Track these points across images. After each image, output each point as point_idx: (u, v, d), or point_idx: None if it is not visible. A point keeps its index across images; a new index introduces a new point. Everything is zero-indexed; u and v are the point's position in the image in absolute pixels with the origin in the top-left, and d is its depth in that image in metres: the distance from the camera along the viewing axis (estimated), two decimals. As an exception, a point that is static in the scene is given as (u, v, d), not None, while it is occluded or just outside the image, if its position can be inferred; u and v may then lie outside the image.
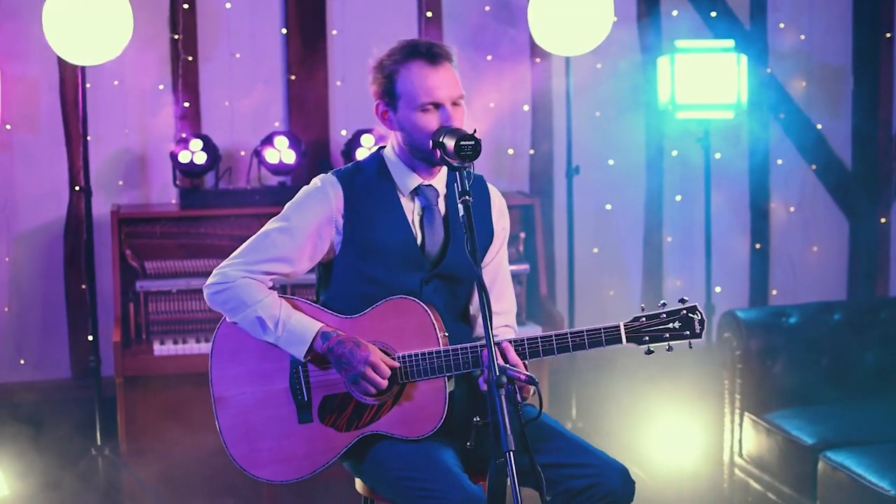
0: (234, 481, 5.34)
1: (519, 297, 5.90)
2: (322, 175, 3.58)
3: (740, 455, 5.37)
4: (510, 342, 3.35)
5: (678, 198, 6.73)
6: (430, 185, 3.55)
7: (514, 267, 5.76)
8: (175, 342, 5.48)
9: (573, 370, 6.00)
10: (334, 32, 6.32)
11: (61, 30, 5.27)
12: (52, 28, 5.28)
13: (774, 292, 6.84)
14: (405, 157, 3.53)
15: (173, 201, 6.08)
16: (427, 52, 3.43)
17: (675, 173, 6.72)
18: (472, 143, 3.22)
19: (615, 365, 6.35)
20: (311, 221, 3.49)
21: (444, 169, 3.52)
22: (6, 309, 6.11)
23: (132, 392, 5.48)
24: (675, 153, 6.68)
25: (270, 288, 3.53)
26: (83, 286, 5.99)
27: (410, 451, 3.39)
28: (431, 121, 3.40)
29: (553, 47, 5.82)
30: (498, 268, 3.70)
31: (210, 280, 3.53)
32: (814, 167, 6.81)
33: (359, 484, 3.65)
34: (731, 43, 6.03)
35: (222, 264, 3.54)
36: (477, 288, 3.05)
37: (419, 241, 3.53)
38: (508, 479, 2.91)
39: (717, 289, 6.54)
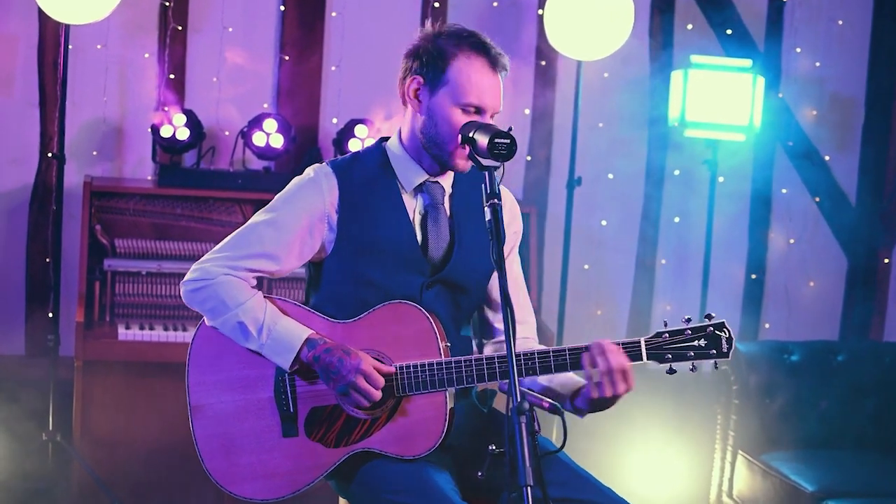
0: (193, 481, 5.05)
1: (508, 309, 5.63)
2: (316, 165, 3.29)
3: (729, 495, 5.12)
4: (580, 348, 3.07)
5: (676, 219, 6.47)
6: (437, 183, 3.26)
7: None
8: (141, 327, 5.15)
9: (556, 393, 5.71)
10: (334, 14, 6.01)
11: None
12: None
13: (767, 325, 6.60)
14: (414, 148, 3.23)
15: (149, 177, 5.77)
16: (493, 54, 3.15)
17: (676, 194, 6.47)
18: (508, 141, 2.93)
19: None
20: (302, 216, 3.19)
21: None
22: (-41, 277, 5.77)
23: (91, 377, 5.12)
24: (677, 172, 6.42)
25: (255, 287, 3.22)
26: (47, 259, 5.67)
27: (404, 472, 3.09)
28: (463, 120, 3.11)
29: (566, 49, 5.53)
30: (509, 272, 3.37)
31: (188, 276, 3.22)
32: (817, 199, 6.56)
33: (343, 504, 3.35)
34: (748, 63, 5.78)
35: (203, 258, 3.23)
36: (501, 301, 2.75)
37: (420, 241, 3.23)
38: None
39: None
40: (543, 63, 6.24)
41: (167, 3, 5.81)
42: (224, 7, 5.90)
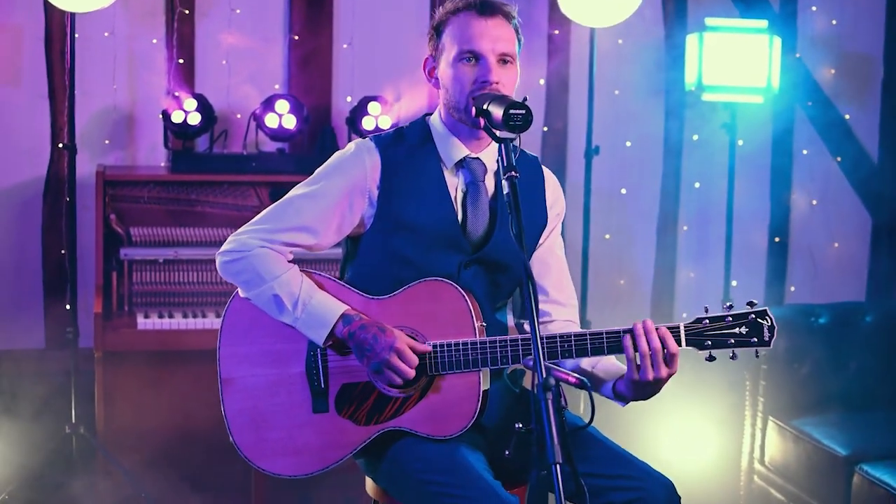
0: (219, 468, 5.00)
1: (529, 283, 5.56)
2: (359, 140, 3.23)
3: (761, 462, 5.05)
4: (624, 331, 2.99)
5: (697, 185, 6.39)
6: (477, 159, 3.19)
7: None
8: (160, 316, 5.10)
9: (585, 365, 5.63)
10: (342, -9, 5.94)
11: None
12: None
13: (792, 289, 6.52)
14: (449, 122, 3.18)
15: (163, 164, 5.71)
16: (480, 2, 3.08)
17: (696, 159, 6.38)
18: (523, 112, 2.86)
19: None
20: (342, 189, 3.13)
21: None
22: (-25, 272, 5.72)
23: (112, 368, 5.08)
24: (696, 137, 6.33)
25: (290, 261, 3.16)
26: (62, 251, 5.61)
27: (436, 452, 3.04)
28: (467, 73, 3.06)
29: (579, 17, 5.44)
30: (551, 253, 3.35)
31: (224, 247, 3.17)
32: (838, 159, 6.47)
33: (370, 485, 3.30)
34: (764, 23, 5.69)
35: (240, 230, 3.18)
36: (524, 276, 2.68)
37: (461, 220, 3.16)
38: (554, 494, 2.54)
39: (734, 283, 6.20)
40: (556, 32, 6.15)
41: (173, -13, 5.75)
42: (231, -12, 5.83)
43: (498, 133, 2.89)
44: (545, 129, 6.23)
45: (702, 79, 5.67)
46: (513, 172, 2.81)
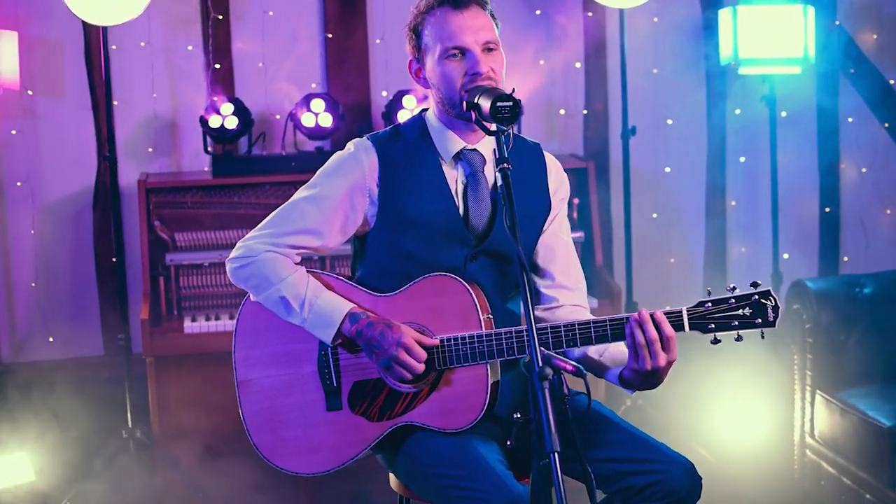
0: (272, 466, 5.06)
1: (573, 267, 5.56)
2: (356, 139, 3.26)
3: (812, 436, 5.00)
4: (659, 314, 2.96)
5: (742, 159, 6.34)
6: (475, 150, 3.20)
7: (567, 235, 5.46)
8: (207, 318, 5.19)
9: (631, 344, 5.61)
10: (372, -13, 5.98)
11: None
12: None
13: (846, 259, 6.45)
14: (444, 117, 3.19)
15: (206, 169, 5.79)
16: None
17: (739, 133, 6.34)
18: (511, 104, 2.86)
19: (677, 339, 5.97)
20: (342, 190, 3.17)
21: None
22: (33, 284, 5.85)
23: (164, 371, 5.19)
24: (738, 111, 6.29)
25: (298, 263, 3.21)
26: (114, 259, 5.72)
27: (448, 446, 3.06)
28: (458, 68, 3.07)
29: (606, -1, 5.44)
30: (556, 238, 3.34)
31: (233, 253, 3.23)
32: (886, 125, 6.37)
33: (393, 480, 3.34)
34: (796, -7, 5.64)
35: (247, 236, 3.24)
36: (518, 267, 2.69)
37: (462, 212, 3.18)
38: (553, 483, 2.55)
39: (785, 255, 6.15)
40: (591, 14, 6.13)
41: (206, -6, 5.82)
42: (263, -9, 5.90)
43: (489, 126, 2.90)
44: (585, 111, 6.22)
45: (737, 53, 5.63)
46: (505, 164, 2.81)
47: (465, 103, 3.01)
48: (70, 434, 5.36)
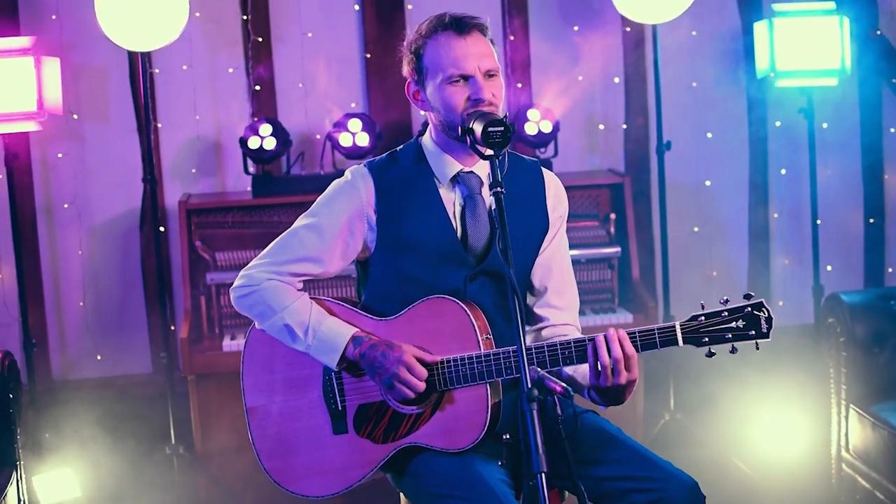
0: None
1: (610, 282, 5.64)
2: (353, 167, 3.33)
3: (847, 450, 4.97)
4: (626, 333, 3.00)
5: (783, 171, 6.32)
6: (472, 172, 3.25)
7: (605, 250, 5.56)
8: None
9: (670, 358, 5.62)
10: (410, 7, 6.04)
11: (114, 16, 5.08)
12: (105, 14, 5.09)
13: (891, 270, 6.39)
14: (441, 140, 3.24)
15: (247, 189, 5.87)
16: (454, 22, 3.16)
17: (780, 145, 6.32)
18: (501, 129, 2.92)
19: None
20: (341, 217, 3.23)
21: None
22: (81, 303, 5.98)
23: (206, 389, 5.30)
24: (778, 124, 6.27)
25: (300, 290, 3.27)
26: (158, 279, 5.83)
27: (451, 466, 3.11)
28: (460, 94, 3.12)
29: (635, 14, 5.45)
30: (553, 257, 3.37)
31: (236, 283, 3.30)
32: (931, 135, 6.33)
33: (403, 500, 3.39)
34: (831, 5, 5.62)
35: (249, 265, 3.31)
36: (509, 290, 2.74)
37: (460, 234, 3.22)
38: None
39: (829, 267, 6.12)
40: (628, 29, 6.15)
41: (246, 17, 5.90)
42: (301, 14, 5.97)
43: (483, 150, 2.95)
44: (625, 126, 6.23)
45: (774, 65, 5.63)
46: (498, 188, 2.87)
47: (460, 128, 3.06)
48: (115, 450, 5.46)
